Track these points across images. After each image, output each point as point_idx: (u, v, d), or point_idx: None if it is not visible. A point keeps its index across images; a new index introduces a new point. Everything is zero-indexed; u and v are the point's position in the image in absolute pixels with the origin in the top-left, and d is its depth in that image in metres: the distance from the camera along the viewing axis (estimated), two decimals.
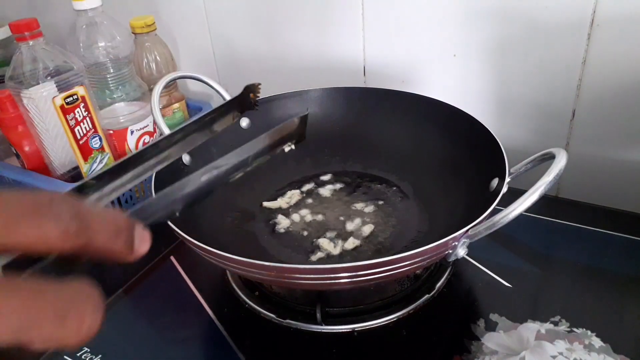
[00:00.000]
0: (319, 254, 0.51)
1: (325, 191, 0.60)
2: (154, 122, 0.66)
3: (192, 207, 0.30)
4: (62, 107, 0.56)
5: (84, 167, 0.60)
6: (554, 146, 0.42)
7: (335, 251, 0.51)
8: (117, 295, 0.52)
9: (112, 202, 0.61)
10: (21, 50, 0.58)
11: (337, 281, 0.38)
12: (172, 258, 0.56)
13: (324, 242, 0.52)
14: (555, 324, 0.44)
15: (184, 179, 0.29)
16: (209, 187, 0.31)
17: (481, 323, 0.45)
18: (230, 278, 0.52)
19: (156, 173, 0.47)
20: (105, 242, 0.20)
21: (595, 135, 0.59)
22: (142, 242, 0.23)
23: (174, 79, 0.60)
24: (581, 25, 0.54)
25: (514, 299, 0.47)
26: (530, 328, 0.44)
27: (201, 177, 0.31)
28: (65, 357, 0.45)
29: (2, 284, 0.17)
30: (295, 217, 0.56)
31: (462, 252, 0.39)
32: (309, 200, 0.59)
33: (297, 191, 0.60)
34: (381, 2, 0.64)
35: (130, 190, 0.63)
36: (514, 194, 0.39)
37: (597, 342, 0.42)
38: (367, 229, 0.53)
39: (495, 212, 0.39)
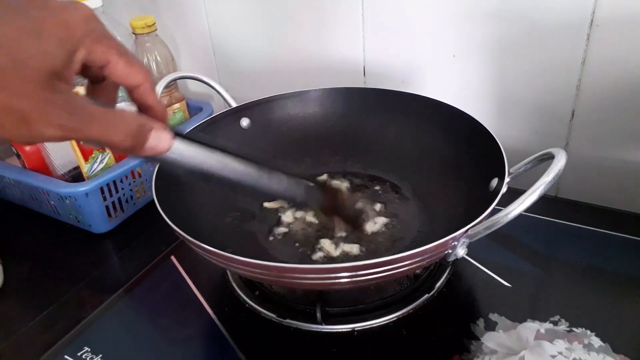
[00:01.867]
0: (319, 254, 0.51)
1: None
2: None
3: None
4: None
5: (85, 167, 0.60)
6: (554, 146, 0.43)
7: (336, 252, 0.51)
8: (117, 295, 0.52)
9: (113, 204, 0.61)
10: None
11: (337, 281, 0.38)
12: (172, 258, 0.56)
13: (324, 242, 0.52)
14: (555, 323, 0.44)
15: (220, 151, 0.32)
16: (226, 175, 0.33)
17: (481, 323, 0.45)
18: (230, 278, 0.52)
19: (156, 173, 0.48)
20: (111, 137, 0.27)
21: (595, 135, 0.59)
22: (158, 140, 0.29)
23: (174, 79, 0.60)
24: (581, 26, 0.54)
25: (514, 299, 0.47)
26: (530, 328, 0.44)
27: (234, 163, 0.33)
28: (65, 357, 0.45)
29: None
30: (296, 217, 0.56)
31: (461, 252, 0.39)
32: None
33: None
34: (381, 2, 0.64)
35: (131, 190, 0.63)
36: (514, 194, 0.39)
37: (596, 341, 0.42)
38: (367, 229, 0.53)
39: (494, 212, 0.39)
